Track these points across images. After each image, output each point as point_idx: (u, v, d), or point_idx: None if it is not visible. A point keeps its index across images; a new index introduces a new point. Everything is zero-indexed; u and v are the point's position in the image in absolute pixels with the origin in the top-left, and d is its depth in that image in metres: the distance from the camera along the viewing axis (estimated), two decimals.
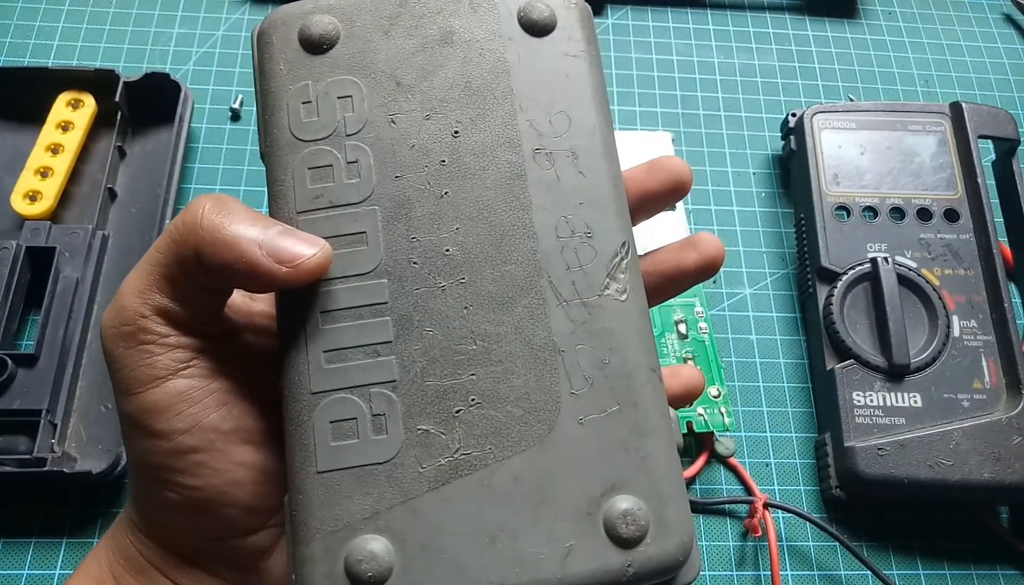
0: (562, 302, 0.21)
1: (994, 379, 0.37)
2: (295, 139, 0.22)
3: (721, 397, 0.37)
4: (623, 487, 0.20)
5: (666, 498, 0.20)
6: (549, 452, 0.20)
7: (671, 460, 0.21)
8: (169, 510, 0.21)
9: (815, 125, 0.43)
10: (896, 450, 0.35)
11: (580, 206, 0.22)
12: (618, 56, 0.49)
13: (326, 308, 0.21)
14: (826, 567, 0.36)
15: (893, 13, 0.53)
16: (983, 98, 0.50)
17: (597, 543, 0.19)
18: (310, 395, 0.20)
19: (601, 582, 0.19)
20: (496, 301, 0.21)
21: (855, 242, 0.40)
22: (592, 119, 0.23)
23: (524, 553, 0.19)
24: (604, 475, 0.20)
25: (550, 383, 0.21)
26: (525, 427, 0.20)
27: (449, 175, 0.22)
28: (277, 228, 0.20)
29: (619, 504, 0.20)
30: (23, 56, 0.46)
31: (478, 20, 0.23)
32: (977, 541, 0.37)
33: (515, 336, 0.21)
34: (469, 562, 0.19)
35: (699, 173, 0.45)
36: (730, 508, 0.37)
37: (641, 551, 0.19)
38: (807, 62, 0.50)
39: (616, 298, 0.22)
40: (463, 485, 0.19)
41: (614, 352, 0.21)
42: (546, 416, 0.20)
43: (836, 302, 0.38)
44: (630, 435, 0.20)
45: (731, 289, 0.42)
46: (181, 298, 0.21)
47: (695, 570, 0.21)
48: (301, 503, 0.19)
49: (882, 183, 0.42)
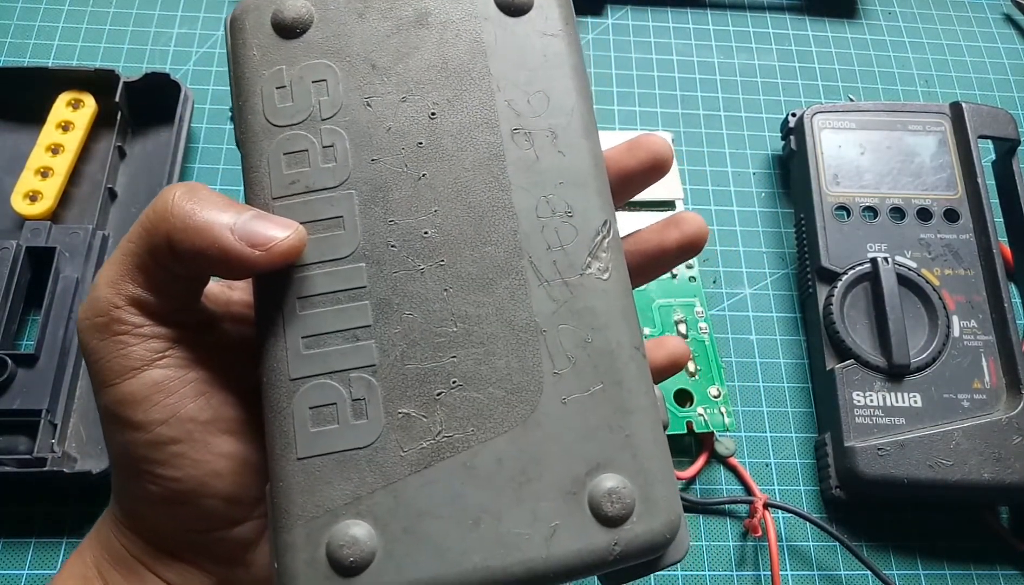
0: (543, 282, 0.21)
1: (994, 379, 0.37)
2: (270, 125, 0.22)
3: (721, 397, 0.37)
4: (608, 466, 0.20)
5: (652, 476, 0.20)
6: (532, 432, 0.20)
7: (657, 438, 0.20)
8: (151, 503, 0.21)
9: (815, 125, 0.43)
10: (896, 450, 0.35)
11: (560, 185, 0.22)
12: (618, 56, 0.49)
13: (303, 293, 0.20)
14: (826, 567, 0.36)
15: (893, 13, 0.53)
16: (983, 98, 0.50)
17: (582, 522, 0.19)
18: (289, 381, 0.20)
19: (587, 562, 0.19)
20: (476, 282, 0.21)
21: (855, 242, 0.40)
22: (571, 98, 0.23)
23: (508, 534, 0.19)
24: (588, 454, 0.20)
25: (532, 363, 0.20)
26: (507, 408, 0.20)
27: (426, 157, 0.22)
28: (250, 213, 0.20)
29: (604, 483, 0.19)
30: (23, 56, 0.46)
31: (453, 1, 0.23)
32: (977, 541, 0.37)
33: (496, 317, 0.21)
34: (452, 545, 0.19)
35: (699, 173, 0.45)
36: (730, 508, 0.37)
37: (627, 529, 0.19)
38: (807, 62, 0.50)
39: (598, 277, 0.21)
40: (445, 468, 0.19)
41: (597, 331, 0.21)
42: (528, 396, 0.20)
43: (836, 302, 0.38)
44: (614, 414, 0.20)
45: (731, 289, 0.42)
46: (155, 287, 0.20)
47: (684, 548, 0.21)
48: (281, 490, 0.19)
49: (882, 183, 0.42)
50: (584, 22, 0.50)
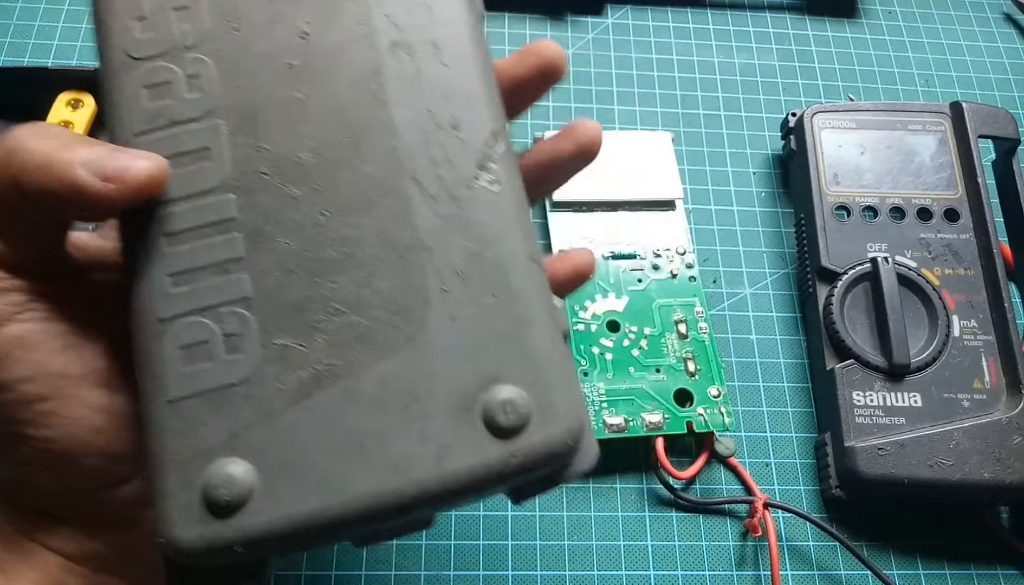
0: (428, 198, 0.20)
1: (994, 379, 0.37)
2: (129, 58, 0.20)
3: (721, 397, 0.37)
4: (501, 378, 0.19)
5: (550, 384, 0.19)
6: (420, 352, 0.19)
7: (556, 347, 0.19)
8: (27, 467, 0.20)
9: (815, 125, 0.43)
10: (896, 450, 0.35)
11: (444, 98, 0.21)
12: (618, 56, 0.49)
13: (169, 230, 0.19)
14: (826, 567, 0.36)
15: (893, 13, 0.53)
16: (983, 98, 0.50)
17: (475, 437, 0.18)
18: (157, 323, 0.19)
19: (483, 477, 0.18)
20: (355, 205, 0.20)
21: (855, 242, 0.40)
22: (455, 9, 0.22)
23: (395, 457, 0.18)
24: (481, 369, 0.19)
25: (418, 282, 0.19)
26: (392, 330, 0.19)
27: (299, 79, 0.21)
28: (104, 148, 0.19)
29: (497, 395, 0.18)
30: (23, 56, 0.46)
31: None
32: (977, 541, 0.37)
33: (377, 238, 0.20)
34: (336, 473, 0.18)
35: (699, 173, 0.45)
36: (730, 508, 0.37)
37: (524, 439, 0.18)
38: (807, 62, 0.50)
39: (488, 189, 0.20)
40: (326, 396, 0.18)
41: (488, 244, 0.20)
42: (415, 316, 0.19)
43: (836, 302, 0.38)
44: (508, 326, 0.19)
45: (731, 289, 0.42)
46: (7, 236, 0.19)
47: (592, 456, 0.20)
48: (153, 435, 0.18)
49: (882, 183, 0.42)
50: (584, 22, 0.50)
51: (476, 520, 0.36)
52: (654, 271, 0.40)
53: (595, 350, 0.37)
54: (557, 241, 0.40)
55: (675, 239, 0.41)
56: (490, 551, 0.35)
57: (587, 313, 0.38)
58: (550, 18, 0.49)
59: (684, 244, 0.41)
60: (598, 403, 0.36)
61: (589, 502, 0.37)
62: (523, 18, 0.49)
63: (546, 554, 0.35)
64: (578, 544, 0.36)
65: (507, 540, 0.35)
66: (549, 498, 0.37)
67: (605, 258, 0.40)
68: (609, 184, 0.41)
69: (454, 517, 0.36)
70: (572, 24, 0.50)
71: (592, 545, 0.36)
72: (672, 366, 0.38)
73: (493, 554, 0.35)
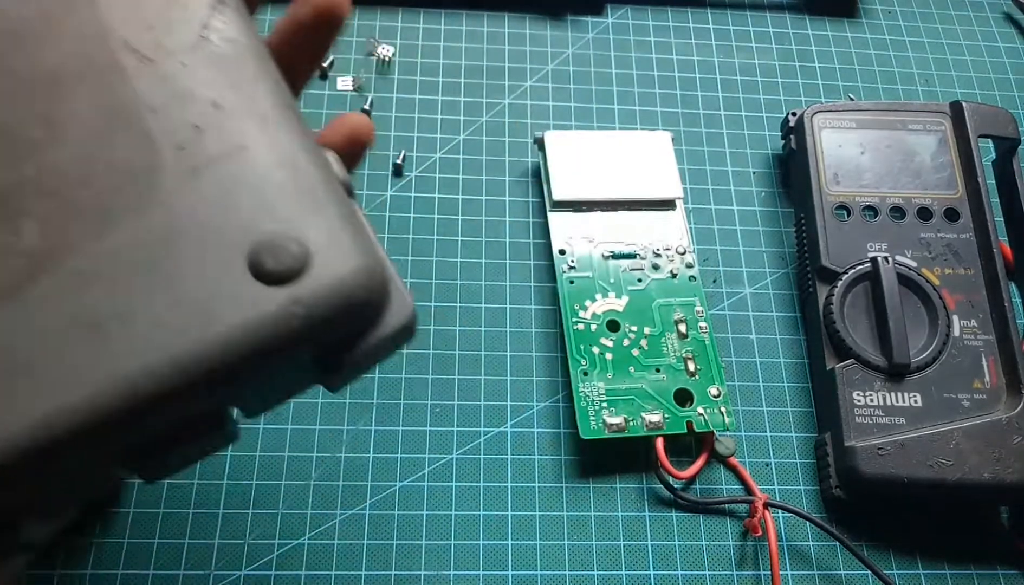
0: (147, 62, 0.18)
1: (994, 379, 0.37)
2: None
3: (721, 397, 0.37)
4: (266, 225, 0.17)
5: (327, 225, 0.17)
6: (157, 215, 0.17)
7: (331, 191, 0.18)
8: None
9: (815, 124, 0.43)
10: (896, 450, 0.35)
11: None
12: (618, 56, 0.49)
13: None
14: (826, 567, 0.36)
15: (893, 13, 0.53)
16: (983, 98, 0.50)
17: (244, 289, 0.16)
18: None
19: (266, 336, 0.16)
20: (60, 80, 0.18)
21: (855, 242, 0.40)
22: None
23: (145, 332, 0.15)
24: (239, 221, 0.17)
25: (144, 145, 0.17)
26: (120, 198, 0.17)
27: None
28: None
29: (263, 242, 0.16)
30: None
31: None
32: (977, 541, 0.37)
33: (91, 111, 0.18)
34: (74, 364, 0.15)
35: (699, 173, 0.45)
36: (730, 508, 0.37)
37: (305, 283, 0.16)
38: (807, 62, 0.50)
39: (218, 44, 0.19)
40: (50, 282, 0.16)
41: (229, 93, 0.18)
42: (145, 180, 0.17)
43: (836, 302, 0.38)
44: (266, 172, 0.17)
45: (731, 289, 0.42)
46: None
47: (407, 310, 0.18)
48: None
49: (882, 182, 0.42)
50: (584, 22, 0.50)
51: (476, 520, 0.36)
52: (654, 271, 0.40)
53: (595, 350, 0.37)
54: (557, 241, 0.40)
55: (675, 239, 0.41)
56: (490, 551, 0.35)
57: (587, 313, 0.38)
58: (550, 18, 0.49)
59: (684, 244, 0.41)
60: (598, 403, 0.36)
61: (589, 502, 0.37)
62: (523, 18, 0.49)
63: (546, 554, 0.35)
64: (578, 544, 0.36)
65: (507, 540, 0.35)
66: (549, 498, 0.36)
67: (605, 258, 0.40)
68: (609, 184, 0.41)
69: (454, 517, 0.36)
70: (572, 24, 0.50)
71: (592, 545, 0.36)
72: (672, 366, 0.38)
73: (493, 554, 0.35)
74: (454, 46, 0.48)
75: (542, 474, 0.37)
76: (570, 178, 0.41)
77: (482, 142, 0.45)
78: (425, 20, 0.48)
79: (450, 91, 0.46)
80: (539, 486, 0.37)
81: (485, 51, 0.48)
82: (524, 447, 0.37)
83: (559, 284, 0.39)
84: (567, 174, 0.41)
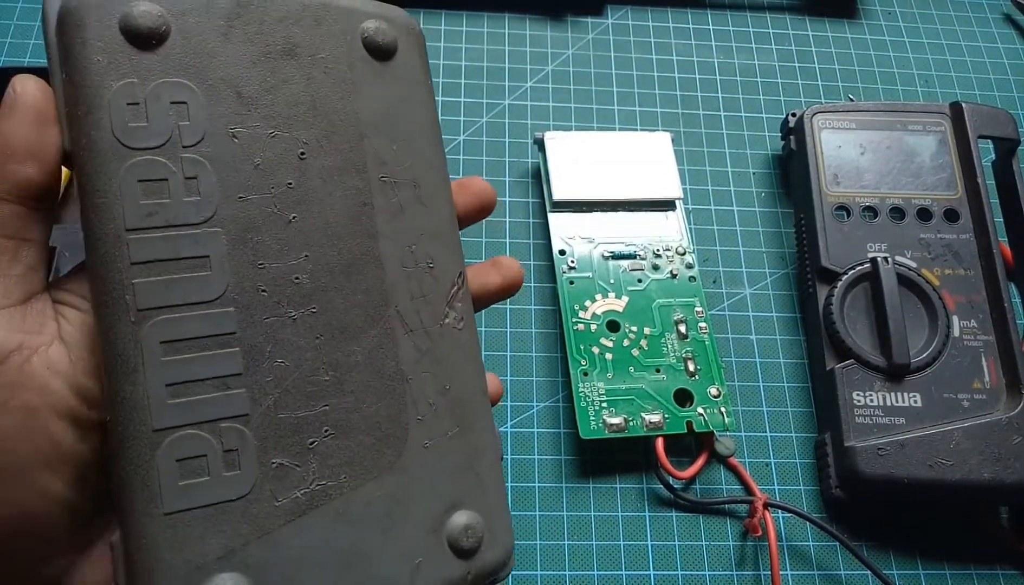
0: (408, 331, 0.22)
1: (994, 379, 0.37)
2: (120, 145, 0.19)
3: (721, 397, 0.37)
4: (462, 503, 0.21)
5: (496, 510, 0.22)
6: (399, 477, 0.21)
7: (497, 473, 0.23)
8: None
9: (815, 125, 0.43)
10: (896, 450, 0.35)
11: (422, 237, 0.23)
12: (618, 56, 0.49)
13: (167, 338, 0.19)
14: (826, 567, 0.36)
15: (893, 13, 0.53)
16: (983, 98, 0.50)
17: (443, 557, 0.21)
18: (152, 433, 0.18)
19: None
20: (347, 331, 0.21)
21: (855, 242, 0.40)
22: (431, 149, 0.23)
23: (378, 574, 0.20)
24: (446, 494, 0.21)
25: (399, 411, 0.21)
26: (377, 454, 0.21)
27: (297, 199, 0.21)
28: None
29: (460, 519, 0.21)
30: (23, 56, 0.46)
31: (322, 35, 0.22)
32: (977, 541, 0.37)
33: (366, 366, 0.21)
34: None
35: (699, 173, 0.45)
36: (730, 508, 0.37)
37: (478, 559, 0.21)
38: (807, 62, 0.50)
39: (454, 326, 0.23)
40: (319, 515, 0.20)
41: (453, 378, 0.22)
42: (396, 442, 0.21)
43: (836, 302, 0.38)
44: (466, 455, 0.22)
45: (731, 289, 0.42)
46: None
47: (510, 567, 0.23)
48: (145, 547, 0.18)
49: (882, 183, 0.42)
50: (584, 22, 0.50)
51: None
52: (654, 271, 0.40)
53: (595, 350, 0.37)
54: (557, 241, 0.40)
55: (675, 239, 0.41)
56: None
57: (587, 313, 0.38)
58: (550, 18, 0.50)
59: (684, 244, 0.41)
60: (598, 403, 0.36)
61: (589, 502, 0.37)
62: (523, 18, 0.49)
63: (546, 554, 0.35)
64: (578, 544, 0.36)
65: None
66: (549, 498, 0.37)
67: (605, 258, 0.40)
68: (609, 184, 0.41)
69: None
70: (572, 24, 0.50)
71: (592, 545, 0.36)
72: (672, 366, 0.38)
73: None
74: (454, 47, 0.48)
75: (542, 474, 0.37)
76: (570, 179, 0.41)
77: (482, 143, 0.45)
78: (425, 20, 0.48)
79: (450, 92, 0.46)
80: (539, 486, 0.37)
81: (485, 52, 0.48)
82: (524, 447, 0.37)
83: (559, 284, 0.39)
84: (567, 175, 0.41)
